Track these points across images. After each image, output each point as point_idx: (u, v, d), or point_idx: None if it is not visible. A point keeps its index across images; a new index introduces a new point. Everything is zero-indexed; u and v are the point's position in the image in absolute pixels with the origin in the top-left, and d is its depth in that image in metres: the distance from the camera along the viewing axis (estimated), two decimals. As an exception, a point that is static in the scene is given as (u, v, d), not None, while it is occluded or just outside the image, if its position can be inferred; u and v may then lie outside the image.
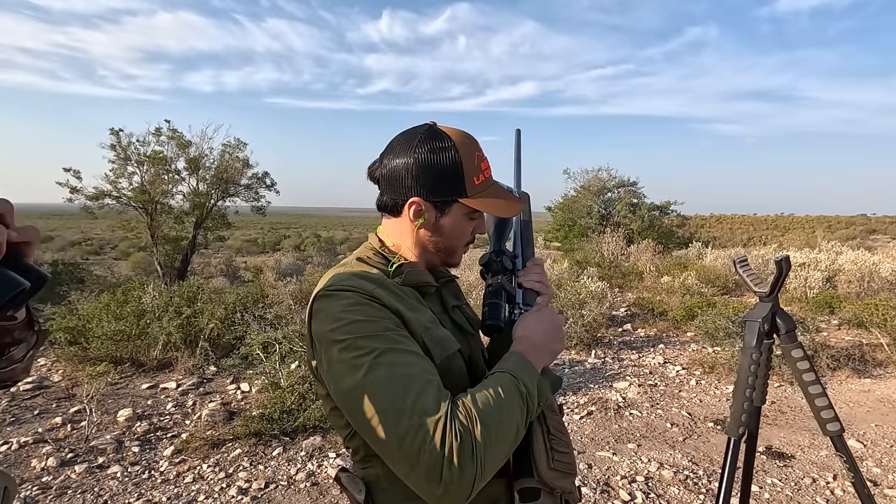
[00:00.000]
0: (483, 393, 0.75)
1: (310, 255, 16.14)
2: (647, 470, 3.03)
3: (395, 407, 0.70)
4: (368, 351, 0.73)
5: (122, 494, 2.79)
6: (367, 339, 0.74)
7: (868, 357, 4.99)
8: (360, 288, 0.80)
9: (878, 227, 38.10)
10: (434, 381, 0.74)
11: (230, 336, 5.26)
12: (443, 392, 0.73)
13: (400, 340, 0.76)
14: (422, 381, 0.73)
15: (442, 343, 0.85)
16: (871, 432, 3.54)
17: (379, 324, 0.76)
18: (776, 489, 2.82)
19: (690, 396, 4.25)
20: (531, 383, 0.80)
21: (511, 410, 0.75)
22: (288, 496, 2.78)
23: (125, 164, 10.54)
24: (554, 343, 0.88)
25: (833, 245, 11.49)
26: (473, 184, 0.87)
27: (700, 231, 24.18)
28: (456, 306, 0.99)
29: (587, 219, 16.74)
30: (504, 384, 0.77)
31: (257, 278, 9.17)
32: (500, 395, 0.75)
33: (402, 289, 0.87)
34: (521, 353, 0.84)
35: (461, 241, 0.93)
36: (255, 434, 3.38)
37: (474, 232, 0.94)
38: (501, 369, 0.81)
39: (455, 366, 0.86)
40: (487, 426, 0.71)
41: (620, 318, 6.83)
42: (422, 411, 0.69)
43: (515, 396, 0.76)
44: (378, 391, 0.71)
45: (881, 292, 7.44)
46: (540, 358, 0.86)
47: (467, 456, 0.68)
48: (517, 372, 0.80)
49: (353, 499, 0.88)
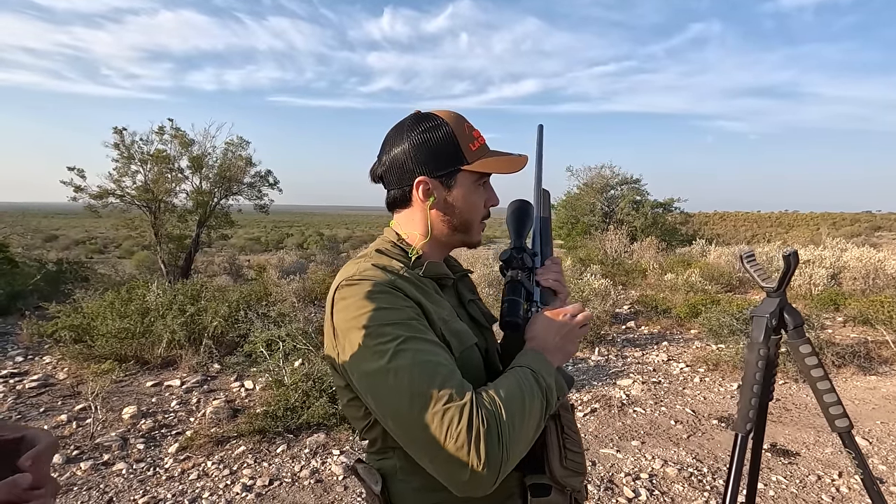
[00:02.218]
0: (507, 385, 0.75)
1: (313, 253, 16.15)
2: (651, 467, 3.02)
3: (421, 392, 0.69)
4: (393, 338, 0.73)
5: (127, 491, 2.80)
6: (392, 327, 0.74)
7: (873, 354, 4.97)
8: (382, 278, 0.80)
9: (883, 224, 37.88)
10: (457, 371, 0.75)
11: (234, 334, 5.27)
12: (466, 382, 0.73)
13: (423, 330, 0.76)
14: (447, 368, 0.73)
15: (459, 336, 0.85)
16: (877, 429, 3.52)
17: (403, 312, 0.76)
18: (781, 486, 2.80)
19: (694, 394, 4.24)
20: (550, 379, 0.80)
21: (532, 404, 0.75)
22: (292, 493, 2.79)
23: (129, 163, 10.56)
24: (567, 344, 0.88)
25: (838, 242, 11.44)
26: (470, 150, 0.89)
27: (703, 228, 24.11)
28: (472, 300, 1.00)
29: (590, 216, 16.71)
30: (525, 378, 0.78)
31: (260, 276, 9.19)
32: (522, 388, 0.76)
33: (422, 280, 0.88)
34: (537, 349, 0.85)
35: (475, 215, 0.92)
36: (259, 431, 3.38)
37: (487, 204, 0.94)
38: (520, 364, 0.81)
39: (472, 359, 0.87)
40: (512, 416, 0.71)
41: (624, 316, 6.82)
42: (448, 397, 0.68)
43: (536, 391, 0.77)
44: (404, 376, 0.70)
45: (886, 289, 7.40)
46: (554, 357, 0.85)
47: (493, 442, 0.67)
48: (536, 367, 0.80)
49: (369, 490, 0.88)
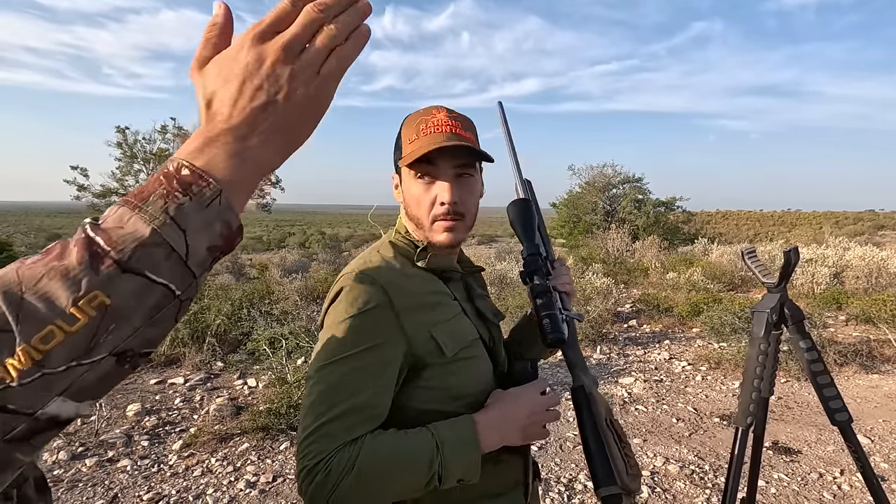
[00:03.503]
0: (388, 446, 0.75)
1: (315, 252, 16.17)
2: (653, 465, 3.03)
3: (315, 409, 0.75)
4: (340, 357, 0.77)
5: (131, 487, 2.82)
6: (349, 345, 0.78)
7: (876, 353, 4.96)
8: (373, 293, 0.81)
9: (886, 223, 37.75)
10: (364, 413, 0.76)
11: (237, 332, 5.29)
12: (362, 426, 0.75)
13: (372, 363, 0.78)
14: (352, 405, 0.75)
15: (455, 336, 0.86)
16: (879, 428, 3.52)
17: (368, 338, 0.78)
18: (783, 484, 2.81)
19: (696, 392, 4.25)
20: (454, 463, 0.76)
21: (399, 480, 0.74)
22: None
23: (132, 162, 10.61)
24: (530, 427, 0.83)
25: (841, 241, 11.41)
26: (408, 143, 0.89)
27: (705, 227, 24.07)
28: (481, 295, 0.99)
29: (592, 215, 16.71)
30: (416, 453, 0.75)
31: (263, 275, 9.21)
32: (399, 461, 0.74)
33: (421, 277, 0.88)
34: (477, 423, 0.80)
35: (418, 210, 0.89)
36: (263, 428, 3.40)
37: (435, 201, 0.87)
38: (436, 432, 0.77)
39: (476, 354, 0.88)
40: (362, 481, 0.72)
41: (625, 315, 6.82)
42: (325, 430, 0.73)
43: (418, 471, 0.74)
44: (316, 389, 0.76)
45: (889, 288, 7.39)
46: (506, 434, 0.81)
47: (320, 495, 0.71)
48: (450, 447, 0.76)
49: None
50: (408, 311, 0.82)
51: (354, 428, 0.74)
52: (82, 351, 0.33)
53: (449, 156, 0.85)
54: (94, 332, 0.33)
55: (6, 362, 0.31)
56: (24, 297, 0.32)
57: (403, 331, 0.80)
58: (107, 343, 0.34)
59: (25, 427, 0.32)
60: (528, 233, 0.94)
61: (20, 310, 0.31)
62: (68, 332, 0.32)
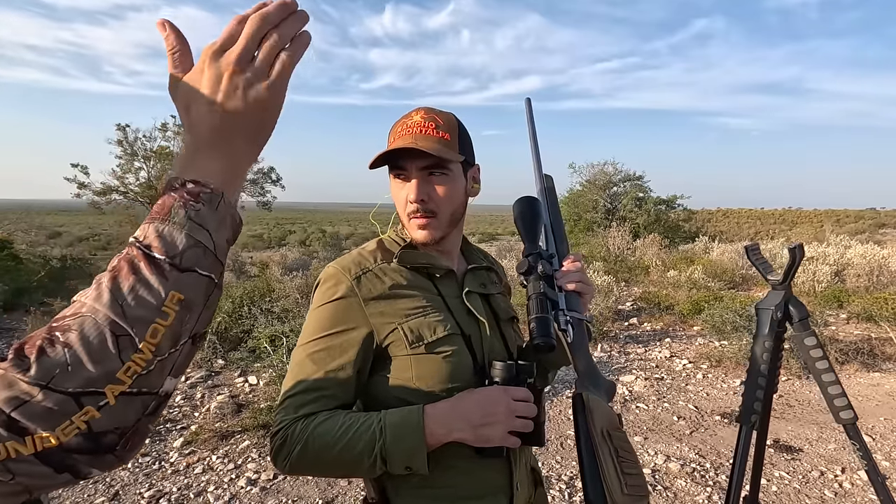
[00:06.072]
0: (337, 425, 0.80)
1: (315, 250, 16.15)
2: (654, 462, 3.03)
3: (289, 381, 0.86)
4: (307, 340, 0.87)
5: (133, 485, 2.82)
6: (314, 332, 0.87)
7: (877, 351, 4.96)
8: (341, 284, 0.88)
9: (887, 222, 37.69)
10: (316, 392, 0.83)
11: (238, 330, 5.29)
12: (314, 403, 0.83)
13: (338, 345, 0.85)
14: (309, 384, 0.83)
15: (432, 326, 0.87)
16: (881, 426, 3.52)
17: (336, 322, 0.86)
18: (784, 482, 2.81)
19: (697, 390, 4.24)
20: (395, 447, 0.77)
21: (341, 455, 0.78)
22: (296, 487, 2.81)
23: (132, 160, 10.61)
24: (484, 428, 0.79)
25: (842, 239, 11.40)
26: (388, 145, 0.92)
27: (707, 225, 24.04)
28: (477, 293, 0.97)
29: (593, 213, 16.68)
30: (360, 433, 0.79)
31: (263, 273, 9.21)
32: (342, 438, 0.79)
33: (396, 272, 0.91)
34: (426, 415, 0.79)
35: (399, 208, 0.94)
36: (264, 426, 3.40)
37: (409, 200, 0.90)
38: (384, 417, 0.80)
39: (450, 349, 0.87)
40: (308, 452, 0.79)
41: (626, 313, 6.81)
42: (290, 401, 0.83)
43: (359, 450, 0.78)
44: (295, 357, 0.88)
45: (890, 286, 7.38)
46: (453, 429, 0.79)
47: (279, 457, 0.81)
48: (392, 431, 0.78)
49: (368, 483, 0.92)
50: (374, 302, 0.87)
51: (307, 405, 0.82)
52: (177, 338, 0.43)
53: (416, 156, 0.87)
54: (182, 322, 0.43)
55: (133, 357, 0.41)
56: (123, 306, 0.41)
57: (367, 320, 0.86)
58: (187, 329, 0.44)
59: (155, 403, 0.43)
60: (530, 232, 0.92)
61: (125, 317, 0.41)
62: (166, 326, 0.42)
